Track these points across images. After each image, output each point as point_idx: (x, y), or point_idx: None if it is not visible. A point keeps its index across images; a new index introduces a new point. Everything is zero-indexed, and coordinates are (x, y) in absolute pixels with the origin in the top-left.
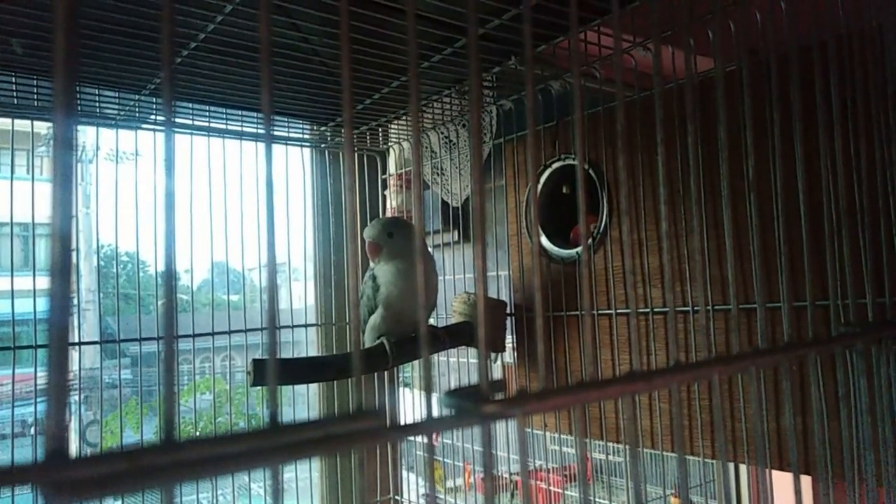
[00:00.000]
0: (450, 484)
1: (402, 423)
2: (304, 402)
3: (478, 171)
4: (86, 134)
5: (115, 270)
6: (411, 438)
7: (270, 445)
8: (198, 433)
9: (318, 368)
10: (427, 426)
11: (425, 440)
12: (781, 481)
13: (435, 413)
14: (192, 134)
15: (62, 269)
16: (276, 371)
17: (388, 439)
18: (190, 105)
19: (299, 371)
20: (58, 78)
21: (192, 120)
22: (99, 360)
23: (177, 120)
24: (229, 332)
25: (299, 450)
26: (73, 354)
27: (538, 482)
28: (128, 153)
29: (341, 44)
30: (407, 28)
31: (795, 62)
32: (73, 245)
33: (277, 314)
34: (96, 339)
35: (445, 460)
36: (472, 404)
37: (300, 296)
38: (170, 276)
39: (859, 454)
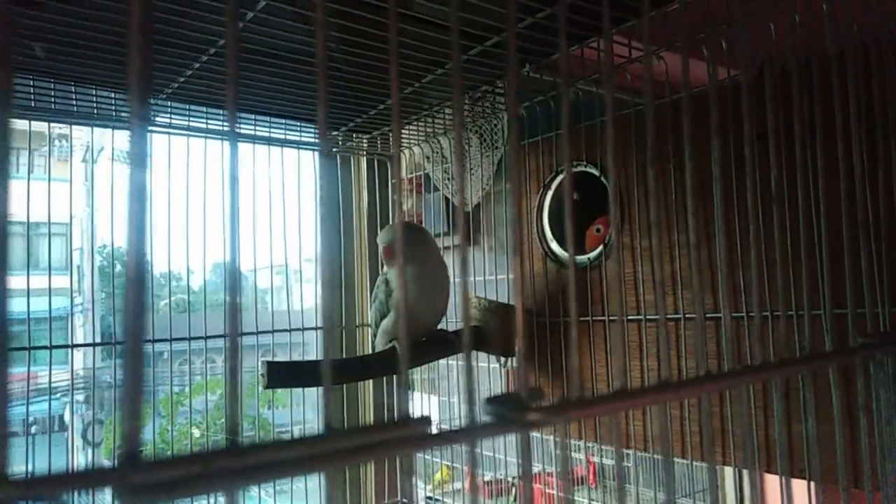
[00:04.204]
0: (448, 487)
1: (448, 429)
2: (301, 403)
3: (515, 173)
4: (91, 134)
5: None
6: None
7: (327, 451)
8: (198, 434)
9: (334, 371)
10: (470, 433)
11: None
12: (772, 486)
13: (437, 416)
14: (206, 137)
15: (137, 280)
16: (332, 371)
17: (433, 445)
18: (205, 109)
19: (313, 374)
20: (133, 98)
21: (207, 123)
22: (111, 359)
23: (193, 123)
24: (241, 334)
25: (353, 455)
26: (76, 353)
27: (543, 486)
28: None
29: (390, 58)
30: (422, 37)
31: (816, 71)
32: (77, 245)
33: (292, 315)
34: (102, 338)
35: (444, 463)
36: (515, 412)
37: (308, 298)
38: (234, 276)
39: (873, 463)
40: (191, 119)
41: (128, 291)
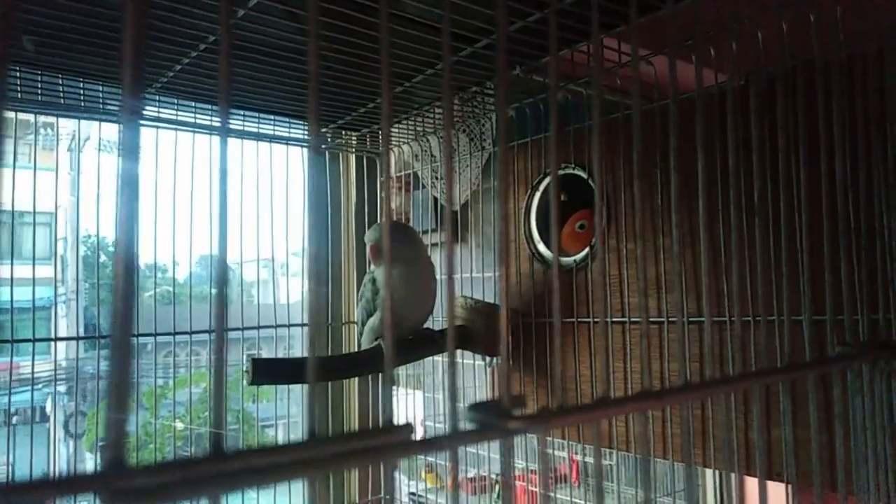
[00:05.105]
0: (434, 484)
1: (433, 427)
2: (285, 397)
3: (504, 184)
4: (78, 124)
5: (108, 261)
6: None
7: (312, 457)
8: (181, 427)
9: (320, 369)
10: (452, 440)
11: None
12: (753, 489)
13: (422, 412)
14: (194, 132)
15: (126, 283)
16: (318, 369)
17: (417, 452)
18: (193, 104)
19: (299, 371)
20: (126, 92)
21: (195, 118)
22: (94, 350)
23: (181, 117)
24: (226, 330)
25: (337, 461)
26: (60, 345)
27: (526, 484)
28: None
29: (381, 58)
30: (412, 37)
31: (801, 81)
32: (61, 235)
33: (273, 311)
34: (86, 328)
35: (428, 464)
36: (497, 420)
37: (294, 293)
38: (222, 273)
39: (848, 468)
40: (179, 113)
41: (116, 290)
